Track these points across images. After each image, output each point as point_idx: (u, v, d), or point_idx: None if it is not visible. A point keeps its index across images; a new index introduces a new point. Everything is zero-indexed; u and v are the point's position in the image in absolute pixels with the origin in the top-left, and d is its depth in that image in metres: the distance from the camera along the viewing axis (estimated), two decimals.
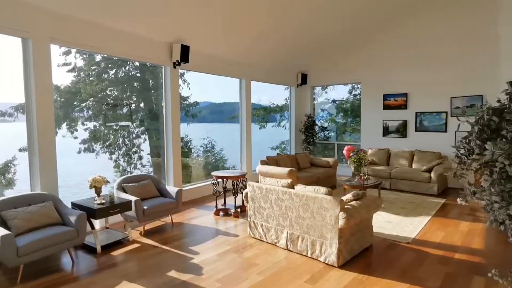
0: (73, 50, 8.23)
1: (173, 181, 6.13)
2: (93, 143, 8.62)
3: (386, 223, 4.99)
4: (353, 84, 9.69)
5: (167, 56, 5.93)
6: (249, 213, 4.51)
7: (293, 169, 6.03)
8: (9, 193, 6.81)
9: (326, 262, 3.66)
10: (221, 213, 5.59)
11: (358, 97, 9.82)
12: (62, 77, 8.17)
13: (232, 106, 11.88)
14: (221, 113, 12.32)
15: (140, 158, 9.42)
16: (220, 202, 5.93)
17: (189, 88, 9.68)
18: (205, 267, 3.64)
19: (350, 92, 10.09)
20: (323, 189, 3.83)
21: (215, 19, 5.81)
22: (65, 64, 8.25)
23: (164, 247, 4.22)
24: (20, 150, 7.37)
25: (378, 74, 8.51)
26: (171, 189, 5.01)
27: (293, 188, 4.13)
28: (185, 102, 9.18)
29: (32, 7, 4.00)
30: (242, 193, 5.58)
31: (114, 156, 9.04)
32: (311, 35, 7.63)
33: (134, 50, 5.40)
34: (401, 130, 8.26)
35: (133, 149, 9.31)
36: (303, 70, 9.74)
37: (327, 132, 10.26)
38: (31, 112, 4.12)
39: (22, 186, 7.09)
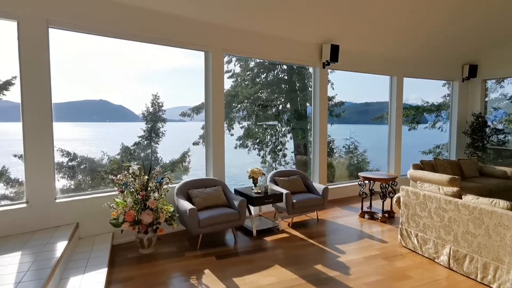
0: (233, 59, 9.57)
1: (318, 178, 6.27)
2: (246, 140, 9.79)
3: None
4: None
5: (317, 57, 6.11)
6: (400, 219, 4.16)
7: (456, 177, 5.17)
8: (185, 178, 8.54)
9: None
10: (366, 215, 5.37)
11: None
12: (225, 82, 9.48)
13: (377, 106, 11.16)
14: (365, 113, 11.78)
15: (284, 155, 10.07)
16: (366, 204, 5.69)
17: (333, 88, 9.69)
18: (352, 268, 3.58)
19: None
20: (503, 203, 3.15)
21: (366, 16, 5.59)
22: (227, 71, 9.70)
23: (310, 240, 4.39)
24: (194, 143, 9.11)
25: None
26: (318, 186, 5.15)
27: (460, 198, 3.56)
28: (329, 102, 9.22)
29: (211, 25, 4.88)
30: (391, 197, 5.21)
31: (262, 153, 10.01)
32: (487, 16, 6.29)
33: (287, 53, 5.80)
34: None
35: (278, 147, 10.06)
36: (471, 61, 8.18)
37: (502, 136, 8.29)
38: (209, 112, 5.05)
39: (194, 172, 8.77)
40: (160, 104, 8.64)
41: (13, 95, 5.81)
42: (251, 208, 4.75)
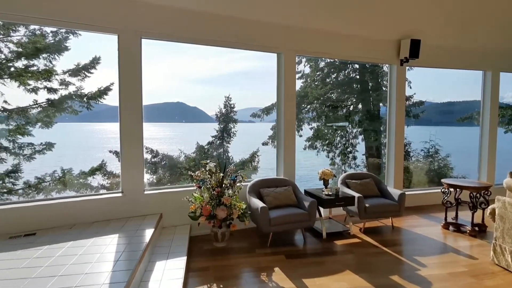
0: (303, 60, 9.52)
1: (393, 183, 5.87)
2: (315, 141, 9.66)
3: None
4: None
5: (394, 54, 5.74)
6: (494, 234, 3.67)
7: None
8: (254, 177, 8.80)
9: None
10: (451, 227, 4.85)
11: None
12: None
13: (464, 105, 10.00)
14: (448, 114, 10.68)
15: (354, 158, 9.67)
16: (450, 215, 5.14)
17: (410, 87, 9.00)
18: (435, 284, 3.27)
19: None
20: None
21: (454, 4, 5.06)
22: (296, 72, 9.68)
23: (384, 248, 4.15)
24: (263, 144, 9.32)
25: None
26: (393, 191, 4.83)
27: None
28: (406, 102, 8.60)
29: (284, 26, 4.94)
30: (482, 208, 4.63)
31: (331, 154, 9.77)
32: None
33: (360, 52, 5.57)
34: None
35: (348, 149, 9.70)
36: None
37: None
38: (280, 113, 5.12)
39: (262, 172, 8.97)
40: (232, 106, 9.06)
41: (109, 99, 6.73)
42: (321, 209, 4.68)
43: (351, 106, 9.67)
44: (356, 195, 4.52)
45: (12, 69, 5.59)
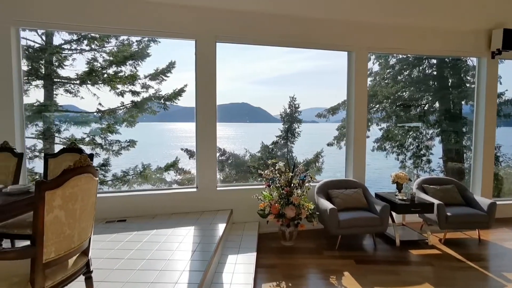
0: (372, 57, 9.04)
1: (480, 191, 5.25)
2: (384, 143, 9.11)
3: None
4: None
5: (483, 46, 5.13)
6: None
7: None
8: (318, 178, 8.64)
9: None
10: None
11: None
12: None
13: None
14: None
15: (429, 161, 8.89)
16: None
17: (501, 83, 7.95)
18: None
19: None
20: None
21: None
22: None
23: (469, 263, 3.74)
24: (328, 144, 9.10)
25: None
26: (481, 200, 4.33)
27: None
28: (497, 100, 7.64)
29: (354, 24, 4.77)
30: None
31: (401, 157, 9.11)
32: None
33: (440, 45, 5.10)
34: None
35: (422, 151, 8.95)
36: None
37: None
38: (350, 113, 4.96)
39: (325, 174, 8.77)
40: (297, 106, 9.04)
41: (181, 100, 7.26)
42: (394, 215, 4.40)
43: (426, 105, 8.90)
44: (436, 202, 4.15)
45: (105, 75, 6.36)
